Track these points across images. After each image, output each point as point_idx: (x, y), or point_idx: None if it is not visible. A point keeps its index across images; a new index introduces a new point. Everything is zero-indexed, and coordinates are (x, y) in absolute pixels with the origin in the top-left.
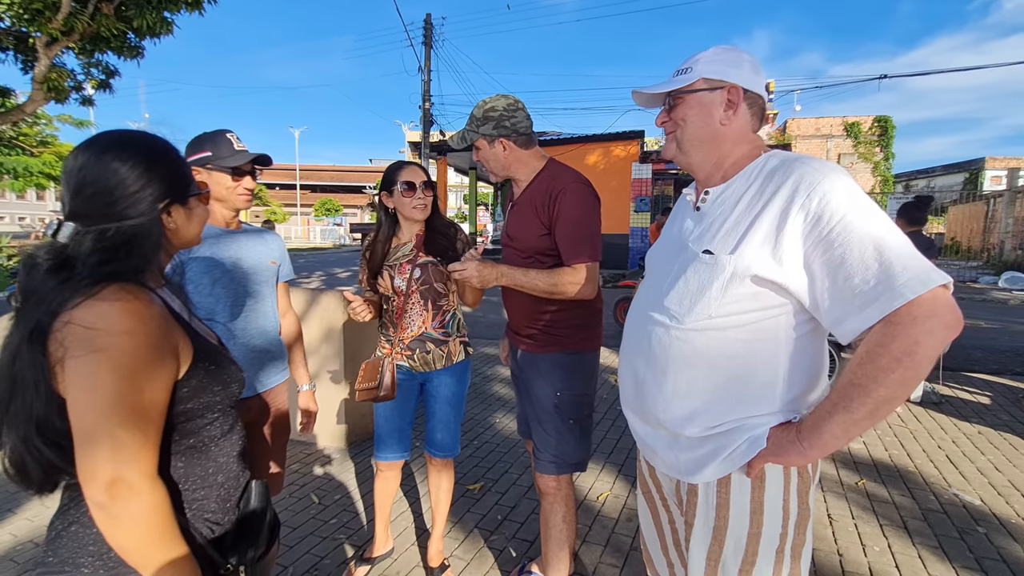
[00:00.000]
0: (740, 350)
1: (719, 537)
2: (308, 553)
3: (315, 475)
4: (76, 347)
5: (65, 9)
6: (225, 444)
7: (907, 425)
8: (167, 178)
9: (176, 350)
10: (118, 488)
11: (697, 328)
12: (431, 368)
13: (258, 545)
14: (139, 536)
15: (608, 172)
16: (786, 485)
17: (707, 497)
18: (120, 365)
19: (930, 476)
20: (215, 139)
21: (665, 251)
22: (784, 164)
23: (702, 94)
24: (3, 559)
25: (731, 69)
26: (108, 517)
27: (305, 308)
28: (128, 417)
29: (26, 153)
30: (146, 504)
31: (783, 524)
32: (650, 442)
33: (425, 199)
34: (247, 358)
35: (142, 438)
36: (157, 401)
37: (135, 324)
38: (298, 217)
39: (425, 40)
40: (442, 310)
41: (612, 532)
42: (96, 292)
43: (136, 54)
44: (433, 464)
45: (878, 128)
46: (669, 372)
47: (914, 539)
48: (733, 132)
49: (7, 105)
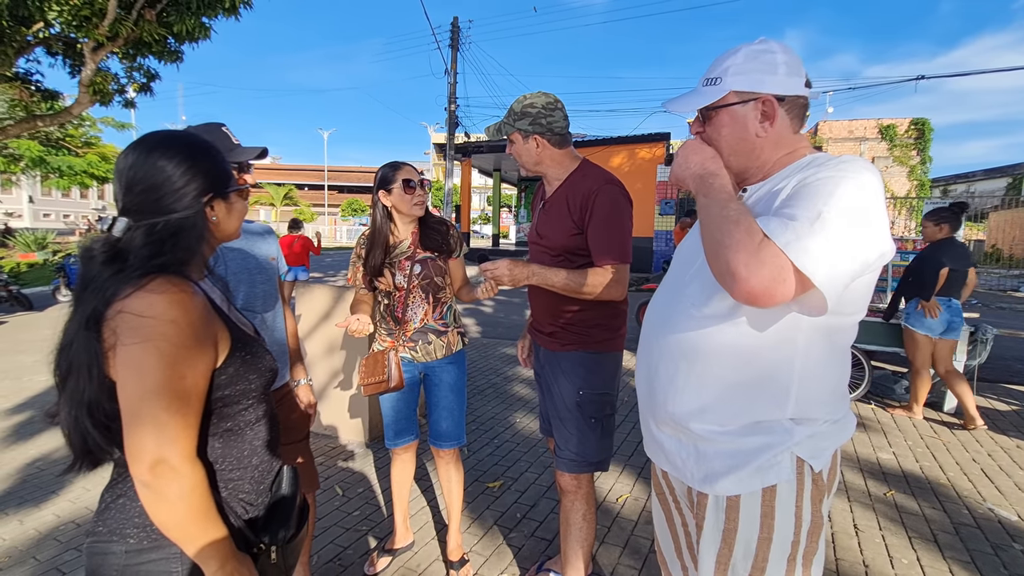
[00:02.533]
0: (756, 347)
1: (728, 540)
2: (332, 543)
3: (339, 468)
4: (126, 335)
5: (111, 15)
6: (260, 429)
7: (939, 437)
8: (209, 173)
9: (216, 339)
10: (161, 468)
11: (716, 315)
12: (432, 358)
13: (288, 526)
14: (179, 513)
15: (633, 174)
16: (799, 492)
17: (717, 500)
18: (165, 352)
19: (963, 489)
20: (212, 135)
21: (691, 247)
22: (825, 156)
23: (735, 108)
24: (47, 538)
25: (765, 77)
26: (152, 495)
27: (331, 305)
28: (172, 401)
29: (71, 153)
30: (186, 484)
31: (795, 531)
32: (661, 443)
33: (424, 196)
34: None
35: (183, 421)
36: (198, 387)
37: (180, 314)
38: (325, 217)
39: (452, 43)
40: (441, 302)
41: (631, 534)
42: (145, 283)
43: (175, 58)
44: (442, 457)
45: (915, 131)
46: (682, 362)
47: (945, 553)
48: (771, 141)
49: (55, 108)
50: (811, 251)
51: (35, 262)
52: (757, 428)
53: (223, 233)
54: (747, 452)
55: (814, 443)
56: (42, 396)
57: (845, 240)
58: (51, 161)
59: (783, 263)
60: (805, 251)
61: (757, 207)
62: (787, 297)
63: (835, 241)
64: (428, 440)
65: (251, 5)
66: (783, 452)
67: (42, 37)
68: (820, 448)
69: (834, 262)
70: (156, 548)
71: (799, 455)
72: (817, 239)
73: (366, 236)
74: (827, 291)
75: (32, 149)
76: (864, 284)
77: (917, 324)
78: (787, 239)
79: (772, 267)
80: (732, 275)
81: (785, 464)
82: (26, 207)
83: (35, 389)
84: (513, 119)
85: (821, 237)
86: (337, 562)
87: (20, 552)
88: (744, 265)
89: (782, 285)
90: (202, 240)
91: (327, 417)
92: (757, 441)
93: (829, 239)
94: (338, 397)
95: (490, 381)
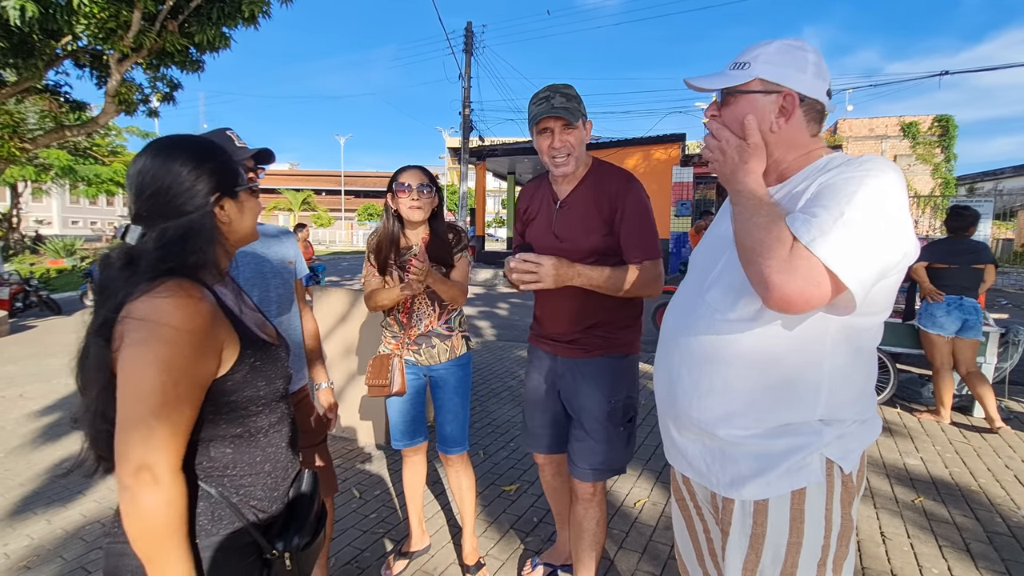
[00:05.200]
0: (784, 349)
1: (756, 546)
2: (349, 545)
3: (356, 470)
4: (127, 337)
5: (135, 27)
6: (273, 435)
7: (969, 442)
8: (215, 173)
9: (220, 348)
10: (143, 475)
11: (742, 319)
12: (435, 361)
13: (304, 533)
14: (149, 525)
15: (648, 175)
16: (829, 495)
17: (744, 505)
18: (161, 357)
19: (996, 496)
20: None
21: (709, 249)
22: (843, 157)
23: (756, 96)
24: (73, 537)
25: (793, 72)
26: (129, 499)
27: (349, 308)
28: (163, 408)
29: (98, 162)
30: (163, 497)
31: (825, 535)
32: (682, 449)
33: (420, 200)
34: None
35: (172, 429)
36: (192, 396)
37: (182, 320)
38: (342, 221)
39: (466, 48)
40: (447, 309)
41: (649, 540)
42: (153, 287)
43: (197, 68)
44: (451, 463)
45: (938, 128)
46: (707, 367)
47: (978, 563)
48: (785, 138)
49: (83, 118)
50: (838, 251)
51: (64, 268)
52: (786, 430)
53: (237, 234)
54: (776, 455)
55: (843, 444)
56: (70, 398)
57: (870, 239)
58: (79, 170)
59: (815, 267)
60: (832, 250)
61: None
62: (823, 301)
63: (860, 240)
64: (437, 447)
65: (269, 15)
66: (813, 453)
67: (70, 50)
68: (849, 449)
69: (861, 261)
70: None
71: (828, 456)
72: (842, 238)
73: (376, 234)
74: (855, 290)
75: (61, 159)
76: (889, 284)
77: (928, 323)
78: (811, 236)
79: (805, 273)
80: (766, 284)
81: (815, 466)
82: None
83: (63, 391)
84: (579, 104)
85: (846, 236)
86: (355, 564)
87: (47, 551)
88: (777, 273)
89: (816, 290)
90: (213, 242)
91: (344, 419)
92: (786, 443)
93: (854, 238)
94: (355, 399)
95: (505, 384)
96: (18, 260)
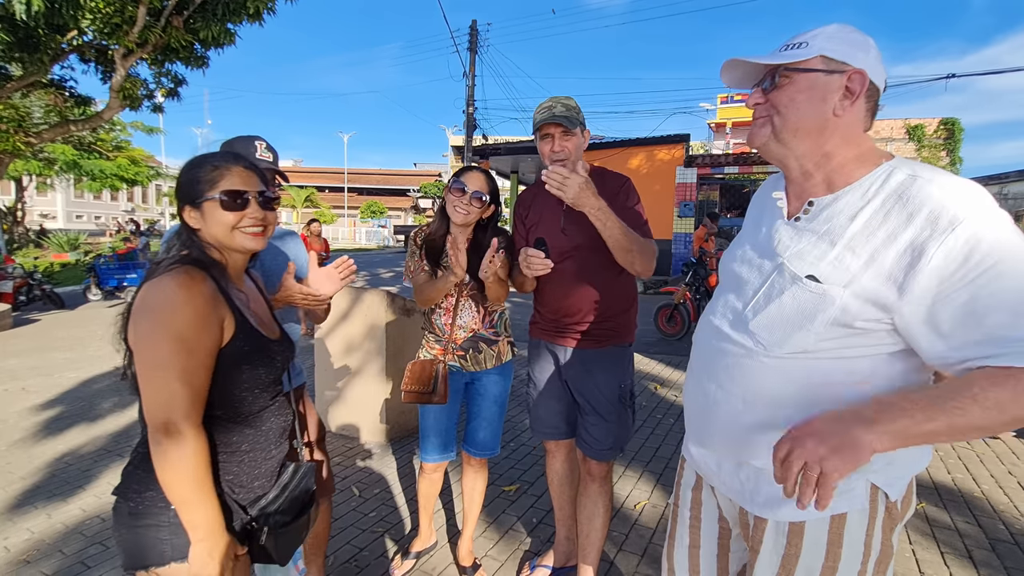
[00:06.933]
0: (831, 383)
1: (788, 567)
2: (348, 544)
3: (356, 469)
4: (139, 312)
5: (140, 23)
6: (254, 420)
7: (973, 448)
8: (184, 186)
9: (221, 321)
10: (170, 429)
11: (790, 355)
12: (482, 367)
13: (283, 512)
14: (179, 473)
15: (651, 176)
16: (871, 522)
17: (778, 525)
18: (172, 327)
19: (999, 504)
20: (238, 145)
21: (748, 260)
22: (916, 179)
23: (817, 75)
24: (73, 532)
25: (858, 52)
26: (160, 452)
27: (349, 307)
28: (181, 374)
29: (103, 157)
30: (188, 448)
31: (863, 562)
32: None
33: (468, 207)
34: None
35: (190, 391)
36: (204, 362)
37: (185, 295)
38: (345, 219)
39: (470, 46)
40: (490, 310)
41: (649, 542)
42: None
43: (201, 64)
44: (471, 464)
45: (944, 131)
46: (748, 400)
47: (980, 570)
48: (844, 127)
49: (87, 113)
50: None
51: (67, 262)
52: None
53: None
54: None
55: (891, 470)
56: (73, 392)
57: None
58: (84, 164)
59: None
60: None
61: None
62: None
63: None
64: (462, 445)
65: (274, 11)
66: (858, 479)
67: (76, 44)
68: (897, 476)
69: None
70: (148, 515)
71: (874, 482)
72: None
73: (423, 229)
74: None
75: (66, 153)
76: None
77: None
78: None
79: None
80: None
81: (859, 491)
82: (60, 209)
83: (66, 385)
84: (578, 113)
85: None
86: (353, 563)
87: (47, 545)
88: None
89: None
90: (194, 243)
91: (345, 417)
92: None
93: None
94: (355, 397)
95: None
96: (22, 254)
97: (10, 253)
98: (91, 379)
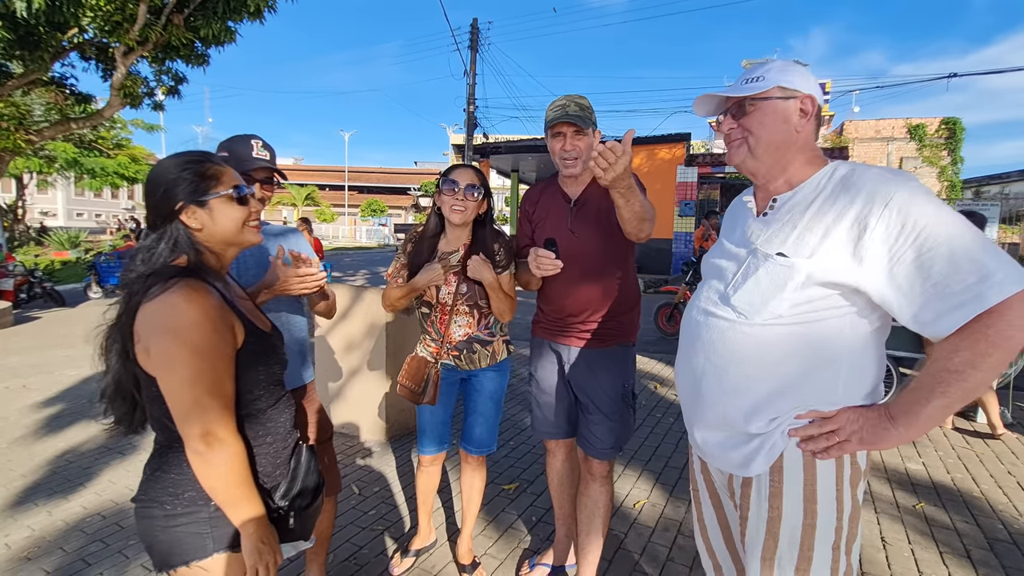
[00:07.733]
0: (805, 346)
1: (773, 530)
2: (348, 542)
3: (356, 466)
4: (157, 334)
5: (141, 21)
6: (273, 413)
7: (972, 448)
8: (183, 185)
9: (232, 325)
10: (209, 439)
11: (765, 323)
12: (476, 367)
13: (304, 495)
14: (225, 478)
15: (652, 175)
16: (839, 475)
17: (760, 488)
18: (194, 345)
19: (998, 503)
20: (236, 144)
21: (725, 254)
22: (854, 171)
23: (778, 102)
24: (74, 529)
25: (802, 81)
26: (203, 462)
27: (349, 304)
28: (209, 387)
29: (103, 155)
30: (230, 452)
31: (837, 516)
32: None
33: (464, 202)
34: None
35: (223, 402)
36: (228, 371)
37: (200, 311)
38: (346, 217)
39: (471, 44)
40: (485, 314)
41: (648, 541)
42: (168, 287)
43: (202, 62)
44: (468, 462)
45: (945, 130)
46: (732, 366)
47: (979, 570)
48: (801, 140)
49: (88, 110)
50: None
51: (68, 260)
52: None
53: (217, 238)
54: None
55: None
56: (73, 390)
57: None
58: (84, 162)
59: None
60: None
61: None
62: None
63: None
64: (459, 443)
65: (275, 9)
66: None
67: (76, 42)
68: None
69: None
70: (188, 514)
71: None
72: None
73: (416, 232)
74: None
75: (67, 151)
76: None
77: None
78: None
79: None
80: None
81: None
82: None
83: (66, 383)
84: (589, 113)
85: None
86: (353, 561)
87: (48, 543)
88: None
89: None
90: (190, 246)
91: (345, 415)
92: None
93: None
94: (356, 396)
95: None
96: (23, 251)
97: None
98: (92, 376)
